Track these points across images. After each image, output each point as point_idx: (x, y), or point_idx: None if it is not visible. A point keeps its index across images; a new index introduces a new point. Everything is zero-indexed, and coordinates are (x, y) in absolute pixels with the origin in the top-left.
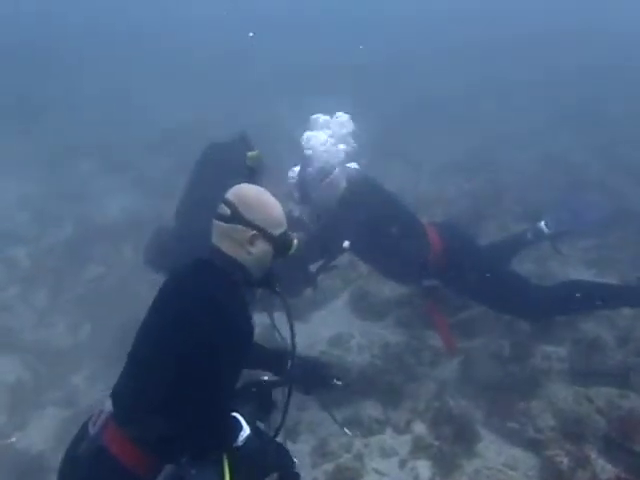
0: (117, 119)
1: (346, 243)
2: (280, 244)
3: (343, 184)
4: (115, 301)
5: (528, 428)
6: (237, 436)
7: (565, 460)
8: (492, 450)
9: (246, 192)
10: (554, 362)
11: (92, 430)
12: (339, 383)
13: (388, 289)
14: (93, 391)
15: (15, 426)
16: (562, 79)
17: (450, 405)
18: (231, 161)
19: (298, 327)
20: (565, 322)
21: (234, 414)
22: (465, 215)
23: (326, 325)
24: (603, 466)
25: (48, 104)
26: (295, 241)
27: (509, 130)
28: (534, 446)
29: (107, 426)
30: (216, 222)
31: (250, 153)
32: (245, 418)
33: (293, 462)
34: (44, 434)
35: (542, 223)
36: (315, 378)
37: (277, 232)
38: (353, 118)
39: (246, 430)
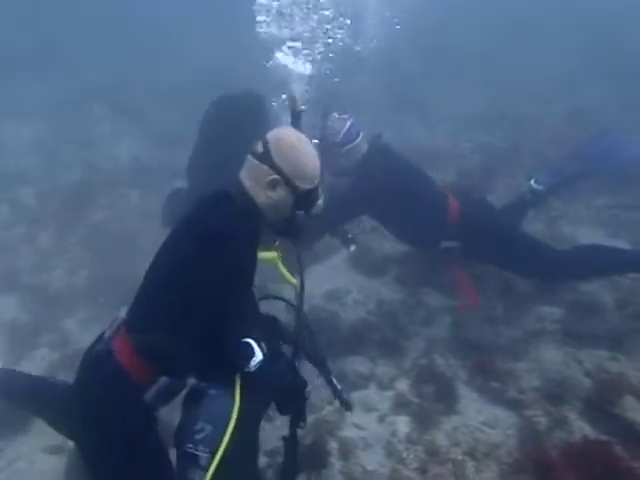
0: (138, 62)
1: (352, 247)
2: (302, 199)
3: (365, 148)
4: (115, 248)
5: (510, 388)
6: (249, 361)
7: (543, 420)
8: (473, 409)
9: (284, 136)
10: (548, 323)
11: (107, 334)
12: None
13: (389, 246)
14: (86, 335)
15: (9, 365)
16: (597, 24)
17: (436, 363)
18: (240, 117)
19: None
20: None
21: (247, 340)
22: (476, 171)
23: (324, 279)
24: (581, 427)
25: (69, 45)
26: (320, 202)
27: (534, 79)
28: (515, 406)
29: (118, 332)
30: (249, 157)
31: (290, 96)
32: (259, 344)
33: (305, 385)
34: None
35: (532, 181)
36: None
37: (303, 185)
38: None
39: (258, 356)
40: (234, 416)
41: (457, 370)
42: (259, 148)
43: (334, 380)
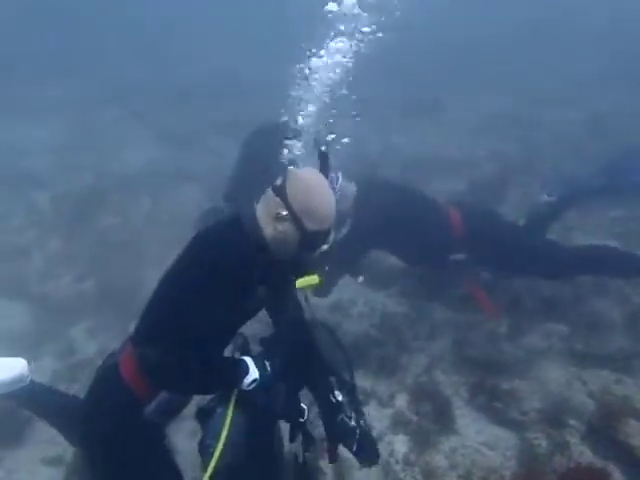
0: (146, 65)
1: (360, 279)
2: (308, 239)
3: (353, 189)
4: (125, 255)
5: (512, 409)
6: (242, 379)
7: (544, 443)
8: (472, 429)
9: (305, 175)
10: (554, 341)
11: (117, 349)
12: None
13: (394, 258)
14: (90, 344)
15: None
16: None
17: (437, 381)
18: (274, 146)
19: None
20: (575, 297)
21: (244, 358)
22: (489, 181)
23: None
24: (582, 452)
25: (82, 48)
26: (325, 246)
27: (552, 86)
28: (516, 427)
29: (126, 347)
30: (269, 187)
31: (316, 138)
32: (257, 363)
33: (302, 411)
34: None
35: (544, 195)
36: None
37: (310, 226)
38: None
39: (252, 375)
40: (224, 433)
41: (459, 388)
42: (278, 181)
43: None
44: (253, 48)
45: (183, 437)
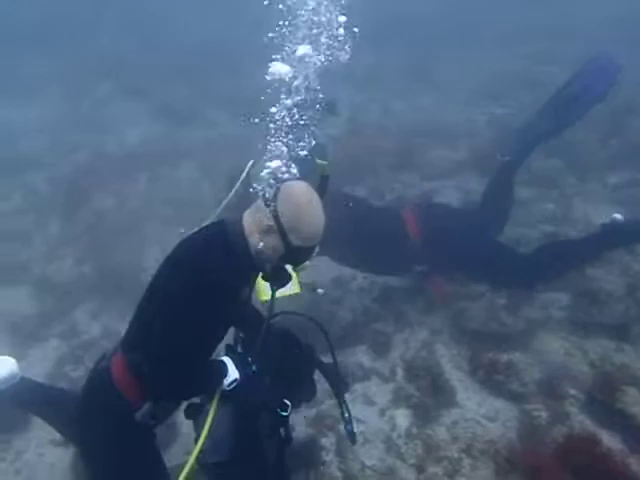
0: (137, 39)
1: (320, 291)
2: (291, 253)
3: None
4: (122, 236)
5: (512, 381)
6: (221, 380)
7: (544, 414)
8: (474, 401)
9: (298, 190)
10: (553, 311)
11: (110, 350)
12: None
13: None
14: (93, 325)
15: (17, 356)
16: None
17: (437, 355)
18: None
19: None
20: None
21: (222, 358)
22: (489, 148)
23: (331, 268)
24: (582, 422)
25: (77, 25)
26: (307, 263)
27: (560, 49)
28: (516, 399)
29: (117, 349)
30: (260, 198)
31: (321, 162)
32: (236, 362)
33: (284, 406)
34: (44, 366)
35: (498, 156)
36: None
37: (295, 241)
38: None
39: (232, 375)
40: (204, 432)
41: (459, 361)
42: (271, 192)
43: (345, 407)
44: (236, 16)
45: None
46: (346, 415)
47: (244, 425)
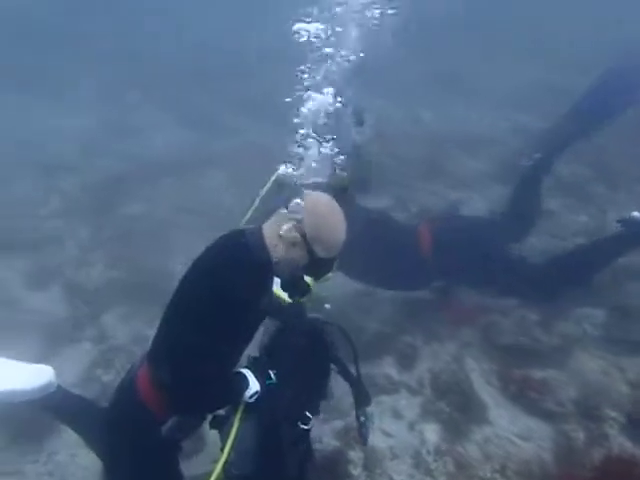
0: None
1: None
2: (316, 265)
3: None
4: (152, 243)
5: (547, 399)
6: (242, 393)
7: (581, 435)
8: (506, 418)
9: (322, 202)
10: (588, 327)
11: (137, 362)
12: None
13: None
14: (123, 330)
15: (49, 359)
16: None
17: (467, 369)
18: None
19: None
20: (609, 281)
21: (242, 371)
22: (513, 158)
23: None
24: (621, 444)
25: (106, 36)
26: (330, 274)
27: (586, 53)
28: (551, 418)
29: (143, 362)
30: (281, 209)
31: (340, 174)
32: (259, 375)
33: (307, 419)
34: (76, 369)
35: (523, 161)
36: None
37: (320, 253)
38: None
39: (253, 387)
40: (229, 443)
41: (490, 376)
42: (294, 204)
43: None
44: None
45: None
46: (362, 419)
47: (268, 438)
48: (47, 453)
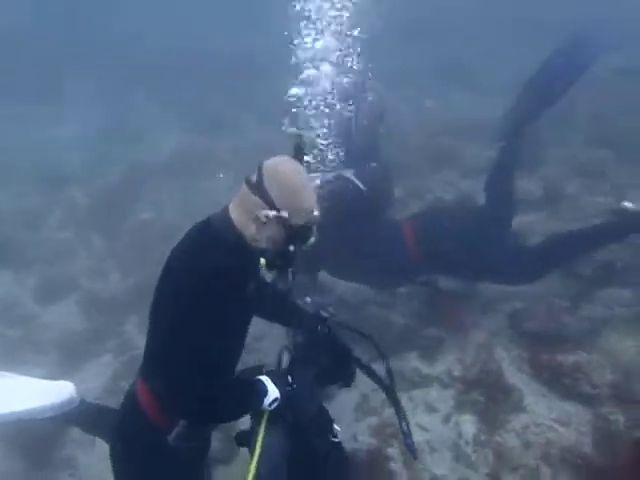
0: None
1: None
2: (296, 234)
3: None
4: (164, 249)
5: (582, 383)
6: (260, 402)
7: (621, 418)
8: (542, 405)
9: (282, 166)
10: (616, 308)
11: (137, 376)
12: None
13: None
14: (144, 339)
15: (71, 373)
16: None
17: (498, 357)
18: None
19: None
20: (633, 259)
21: (260, 377)
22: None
23: None
24: None
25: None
26: (312, 239)
27: None
28: (588, 402)
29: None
30: (243, 185)
31: (293, 131)
32: (277, 380)
33: (335, 431)
34: (100, 381)
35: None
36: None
37: (297, 222)
38: None
39: (272, 394)
40: (255, 457)
41: (521, 364)
42: (253, 177)
43: (404, 424)
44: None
45: None
46: (405, 428)
47: (298, 451)
48: (82, 465)
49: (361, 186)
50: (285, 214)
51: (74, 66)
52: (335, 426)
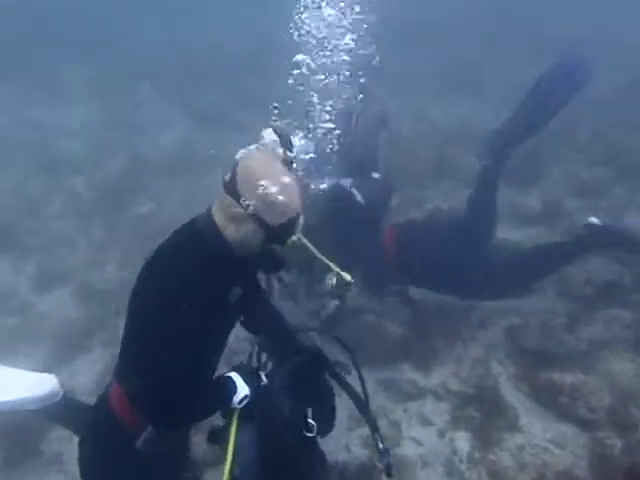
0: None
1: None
2: (274, 235)
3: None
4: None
5: (580, 405)
6: (229, 399)
7: (618, 443)
8: (538, 426)
9: (253, 162)
10: (616, 330)
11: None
12: None
13: None
14: None
15: (63, 365)
16: None
17: (494, 373)
18: None
19: None
20: (633, 280)
21: (230, 374)
22: (523, 158)
23: None
24: None
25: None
26: (294, 237)
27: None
28: (585, 425)
29: (114, 377)
30: (221, 186)
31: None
32: (247, 377)
33: (310, 427)
34: (92, 372)
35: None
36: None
37: (273, 221)
38: None
39: (241, 391)
40: (229, 457)
41: (518, 381)
42: (227, 176)
43: (378, 438)
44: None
45: None
46: (380, 446)
47: (270, 447)
48: (70, 461)
49: (359, 198)
50: (259, 212)
51: (77, 56)
52: (310, 420)
